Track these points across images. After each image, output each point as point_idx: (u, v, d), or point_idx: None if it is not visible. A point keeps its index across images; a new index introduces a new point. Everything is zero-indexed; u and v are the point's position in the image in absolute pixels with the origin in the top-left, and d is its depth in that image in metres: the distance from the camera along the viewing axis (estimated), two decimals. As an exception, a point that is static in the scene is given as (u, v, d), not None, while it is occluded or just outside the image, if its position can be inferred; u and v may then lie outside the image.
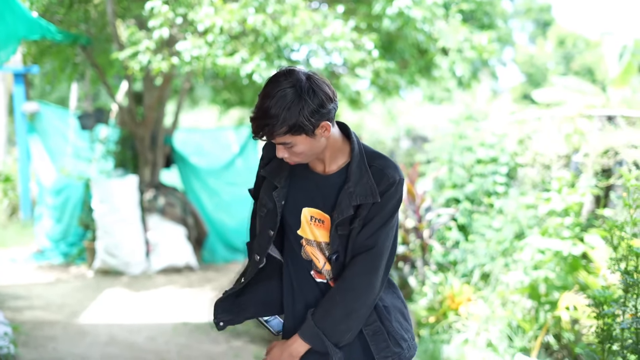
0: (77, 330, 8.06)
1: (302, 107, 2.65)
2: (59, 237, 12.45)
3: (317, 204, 2.89)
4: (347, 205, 2.81)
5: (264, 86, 2.71)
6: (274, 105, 2.63)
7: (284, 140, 2.69)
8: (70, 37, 9.62)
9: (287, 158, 2.77)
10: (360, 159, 2.87)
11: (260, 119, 2.65)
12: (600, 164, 7.11)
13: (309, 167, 2.93)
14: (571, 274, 6.48)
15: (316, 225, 2.88)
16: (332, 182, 2.89)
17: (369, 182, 2.82)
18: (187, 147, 14.19)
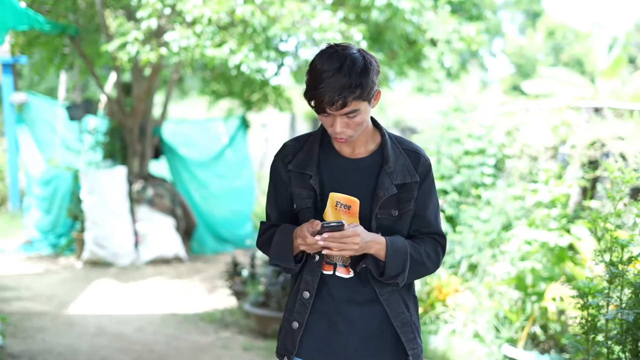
0: (65, 321, 8.07)
1: (372, 70, 2.71)
2: (47, 228, 12.44)
3: (345, 188, 2.86)
4: (390, 184, 2.85)
5: (321, 59, 2.72)
6: (349, 69, 2.65)
7: (354, 107, 2.69)
8: (58, 28, 9.59)
9: (341, 133, 2.75)
10: (392, 142, 2.95)
11: (339, 82, 2.64)
12: (587, 156, 7.13)
13: (336, 151, 2.93)
14: (558, 265, 6.50)
15: (341, 210, 2.85)
16: (365, 165, 2.91)
17: (406, 162, 2.90)
18: (176, 138, 14.17)
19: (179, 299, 9.27)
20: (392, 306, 2.90)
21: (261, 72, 8.70)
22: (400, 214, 2.90)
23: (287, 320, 2.98)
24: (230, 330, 7.90)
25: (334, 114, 2.70)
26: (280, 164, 2.97)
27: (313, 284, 2.89)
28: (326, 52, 2.73)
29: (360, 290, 2.89)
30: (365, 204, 2.86)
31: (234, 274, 8.70)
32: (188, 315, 8.48)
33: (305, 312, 2.90)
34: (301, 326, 2.91)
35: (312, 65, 2.74)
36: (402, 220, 2.92)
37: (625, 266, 3.86)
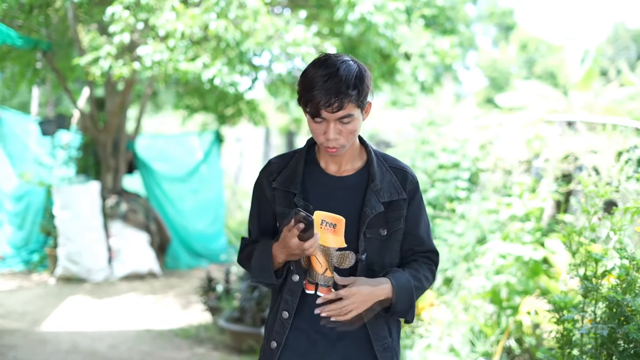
0: (38, 338, 7.99)
1: (367, 77, 2.74)
2: (20, 244, 12.34)
3: (331, 206, 2.86)
4: (377, 201, 2.86)
5: (315, 65, 2.73)
6: (345, 73, 2.67)
7: (349, 111, 2.69)
8: (30, 43, 9.52)
9: (334, 140, 2.74)
10: (378, 160, 2.96)
11: (336, 84, 2.65)
12: (560, 169, 7.16)
13: (322, 169, 2.93)
14: (532, 279, 6.51)
15: (326, 229, 2.84)
16: (351, 183, 2.91)
17: (393, 179, 2.92)
18: (150, 152, 14.11)
19: (154, 314, 9.21)
20: (375, 330, 2.89)
21: (235, 86, 8.67)
22: (389, 234, 2.90)
23: (266, 339, 2.97)
24: (205, 346, 7.85)
25: (327, 119, 2.70)
26: (264, 181, 2.96)
27: (292, 304, 2.87)
28: (321, 59, 2.74)
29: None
30: (353, 223, 2.86)
31: (209, 289, 8.66)
32: (163, 331, 8.42)
33: (283, 332, 2.88)
34: (279, 345, 2.88)
35: (307, 71, 2.75)
36: (391, 239, 2.92)
37: (600, 280, 3.87)
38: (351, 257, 2.86)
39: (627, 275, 3.70)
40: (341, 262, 2.86)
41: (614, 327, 3.64)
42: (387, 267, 2.90)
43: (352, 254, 2.86)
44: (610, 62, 25.00)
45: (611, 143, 6.59)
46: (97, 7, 9.85)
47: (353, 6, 8.66)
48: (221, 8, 8.23)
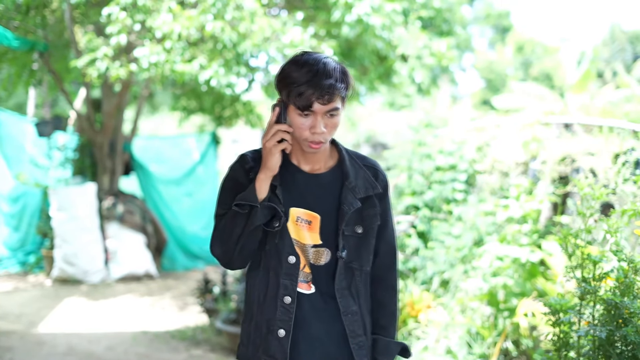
0: (35, 340, 7.98)
1: (348, 72, 2.82)
2: (16, 246, 12.33)
3: (307, 203, 2.88)
4: (353, 198, 2.89)
5: (299, 61, 2.76)
6: (332, 68, 2.73)
7: (337, 104, 2.74)
8: (27, 44, 9.51)
9: (320, 134, 2.76)
10: (350, 158, 2.99)
11: (327, 78, 2.69)
12: (557, 172, 7.16)
13: (296, 167, 2.93)
14: (529, 281, 6.51)
15: (302, 225, 2.86)
16: (325, 181, 2.93)
17: (366, 175, 2.96)
18: (146, 154, 14.11)
19: (150, 316, 9.20)
20: (352, 327, 2.90)
21: (231, 87, 8.67)
22: (365, 231, 2.93)
23: (266, 329, 2.87)
24: (201, 347, 7.84)
25: (317, 112, 2.73)
26: (240, 170, 2.92)
27: (293, 287, 2.85)
28: (302, 57, 2.78)
29: (322, 307, 2.89)
30: (331, 221, 2.88)
31: (206, 291, 8.65)
32: (159, 333, 8.41)
33: (290, 319, 2.84)
34: (289, 333, 2.83)
35: (290, 68, 2.76)
36: (367, 237, 2.95)
37: (597, 283, 3.87)
38: (326, 254, 2.88)
39: (625, 278, 3.70)
40: (316, 258, 2.88)
41: (612, 330, 3.63)
42: (364, 264, 2.94)
43: (327, 250, 2.88)
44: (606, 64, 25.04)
45: (608, 145, 6.60)
46: (93, 9, 9.84)
47: (350, 8, 8.66)
48: (218, 9, 8.22)
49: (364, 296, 2.96)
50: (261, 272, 2.90)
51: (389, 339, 3.01)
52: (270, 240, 2.86)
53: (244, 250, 2.83)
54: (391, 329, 3.04)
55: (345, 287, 2.89)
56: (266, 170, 2.78)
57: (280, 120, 2.77)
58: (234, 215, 2.80)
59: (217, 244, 2.88)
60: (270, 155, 2.76)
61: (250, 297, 2.96)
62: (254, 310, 2.92)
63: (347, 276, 2.90)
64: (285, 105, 2.77)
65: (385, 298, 3.04)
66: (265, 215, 2.80)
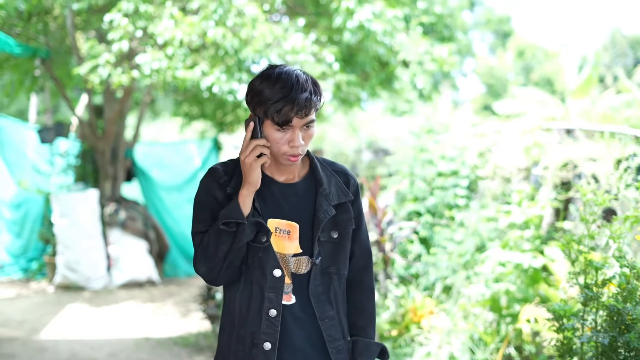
0: (37, 346, 7.98)
1: (319, 84, 2.85)
2: (18, 252, 12.34)
3: (284, 213, 2.89)
4: (328, 205, 2.91)
5: (271, 77, 2.77)
6: (305, 81, 2.76)
7: (313, 117, 2.78)
8: (29, 50, 9.53)
9: (298, 147, 2.78)
10: (322, 165, 3.01)
11: (302, 91, 2.72)
12: (559, 177, 7.16)
13: (270, 177, 2.93)
14: (532, 287, 6.51)
15: (281, 236, 2.87)
16: (300, 190, 2.94)
17: (338, 182, 2.99)
18: (148, 160, 14.11)
19: (152, 323, 9.20)
20: (329, 332, 2.91)
21: (233, 94, 8.68)
22: (341, 236, 2.97)
23: (250, 342, 2.86)
24: (204, 354, 7.83)
25: (295, 126, 2.75)
26: (214, 184, 2.90)
27: (278, 300, 2.85)
28: (272, 72, 2.79)
29: (302, 316, 2.90)
30: (307, 228, 2.90)
31: (208, 297, 8.64)
32: (162, 339, 8.41)
33: (276, 332, 2.84)
34: (275, 346, 2.83)
35: (263, 84, 2.77)
36: (343, 241, 2.98)
37: (600, 289, 3.87)
38: (307, 262, 2.90)
39: (628, 284, 3.71)
40: (298, 267, 2.89)
41: (615, 336, 3.64)
42: (341, 268, 2.97)
43: (307, 258, 2.89)
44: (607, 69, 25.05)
45: (610, 151, 6.60)
46: (95, 15, 9.86)
47: (352, 14, 8.67)
48: (219, 16, 8.24)
49: (342, 300, 2.99)
50: (242, 285, 2.89)
51: (368, 339, 3.05)
52: (253, 254, 2.86)
53: (230, 266, 2.83)
54: (370, 330, 3.08)
55: (321, 292, 2.91)
56: (249, 185, 2.78)
57: (257, 135, 2.78)
58: (219, 233, 2.79)
59: (202, 263, 2.86)
60: (251, 170, 2.76)
61: (229, 310, 2.95)
62: (234, 322, 2.91)
63: (323, 281, 2.92)
64: (260, 120, 2.78)
65: (362, 300, 3.08)
66: (252, 231, 2.81)
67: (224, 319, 2.98)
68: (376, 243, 8.04)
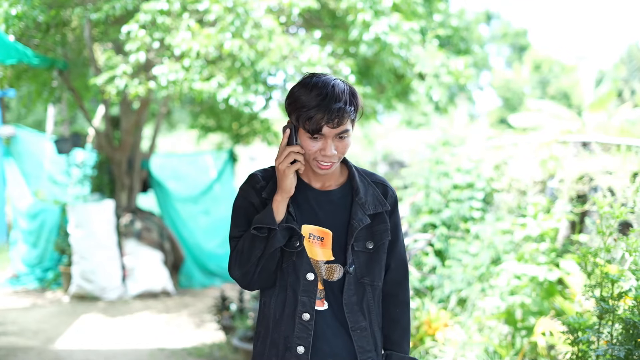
0: (52, 356, 8.00)
1: (357, 94, 2.85)
2: (34, 262, 12.38)
3: (319, 220, 2.91)
4: (363, 214, 2.92)
5: (308, 85, 2.78)
6: (341, 91, 2.76)
7: (347, 126, 2.78)
8: (47, 62, 9.59)
9: (330, 157, 2.79)
10: (359, 175, 3.02)
11: (336, 101, 2.72)
12: (575, 190, 7.14)
13: (307, 184, 2.95)
14: (547, 300, 6.49)
15: (314, 242, 2.89)
16: (336, 197, 2.96)
17: (376, 192, 2.99)
18: (164, 171, 14.16)
19: (167, 333, 9.21)
20: (360, 343, 2.91)
21: (249, 106, 8.70)
22: (376, 247, 2.96)
23: (284, 346, 2.88)
24: (218, 365, 7.84)
25: (327, 135, 2.76)
26: (251, 190, 2.94)
27: (311, 304, 2.86)
28: (311, 80, 2.80)
29: (334, 324, 2.90)
30: (341, 236, 2.91)
31: (223, 308, 8.65)
32: (176, 350, 8.41)
33: (309, 336, 2.85)
34: (308, 350, 2.85)
35: (299, 91, 2.79)
36: (378, 252, 2.97)
37: (616, 302, 3.86)
38: (339, 270, 2.90)
39: (644, 297, 3.69)
40: (330, 274, 2.90)
41: (631, 349, 3.63)
42: (375, 279, 2.96)
43: (339, 266, 2.90)
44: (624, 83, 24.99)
45: (626, 164, 6.58)
46: (113, 26, 9.92)
47: (368, 26, 8.67)
48: (236, 28, 8.26)
49: (375, 312, 2.98)
50: (277, 290, 2.91)
51: (402, 354, 3.04)
52: (288, 259, 2.88)
53: (263, 271, 2.85)
54: (404, 344, 3.06)
55: (355, 303, 2.91)
56: (282, 192, 2.80)
57: (292, 141, 2.80)
58: (253, 238, 2.82)
59: (236, 267, 2.89)
60: (284, 177, 2.78)
61: (265, 315, 2.96)
62: (269, 327, 2.93)
63: (357, 292, 2.92)
64: (295, 127, 2.80)
65: (397, 314, 3.06)
66: (284, 237, 2.82)
67: (259, 325, 3.00)
68: (391, 255, 8.00)
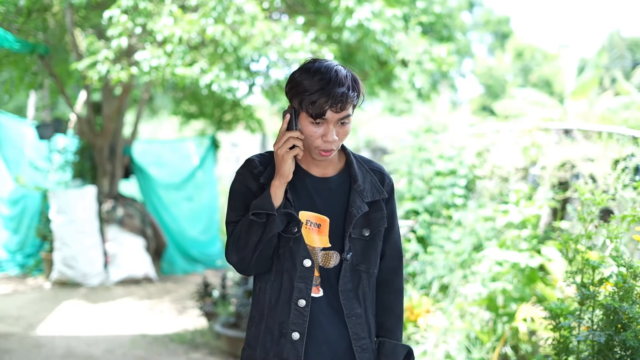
0: (33, 342, 7.98)
1: (359, 80, 2.86)
2: (15, 248, 12.33)
3: (316, 206, 2.90)
4: (361, 202, 2.91)
5: (311, 69, 2.78)
6: (344, 76, 2.76)
7: (348, 112, 2.77)
8: (28, 47, 9.51)
9: (332, 142, 2.79)
10: (357, 162, 3.01)
11: (338, 88, 2.72)
12: (557, 177, 7.16)
13: (305, 171, 2.94)
14: (528, 286, 6.52)
15: (311, 229, 2.88)
16: (334, 185, 2.96)
17: (373, 180, 2.99)
18: (146, 157, 14.10)
19: (149, 319, 9.20)
20: (355, 330, 2.92)
21: (232, 92, 8.67)
22: (373, 234, 2.96)
23: (279, 332, 2.88)
24: (200, 351, 7.84)
25: (329, 120, 2.75)
26: (249, 175, 2.93)
27: (307, 290, 2.86)
28: (313, 64, 2.80)
29: (329, 310, 2.90)
30: (338, 223, 2.91)
31: (205, 294, 8.66)
32: (158, 336, 8.41)
33: (304, 322, 2.86)
34: (303, 336, 2.85)
35: (302, 76, 2.78)
36: (374, 240, 2.97)
37: (597, 288, 3.88)
38: (335, 257, 2.90)
39: (624, 283, 3.71)
40: (326, 261, 2.90)
41: (611, 335, 3.65)
42: (371, 266, 2.97)
43: (336, 253, 2.90)
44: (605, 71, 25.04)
45: (608, 151, 6.61)
46: (94, 11, 9.86)
47: (351, 13, 8.66)
48: (218, 13, 8.23)
49: (370, 299, 2.98)
50: (273, 276, 2.91)
51: (395, 341, 3.04)
52: (284, 244, 2.88)
53: (260, 257, 2.84)
54: (398, 332, 3.07)
55: (350, 290, 2.91)
56: (280, 177, 2.79)
57: (292, 127, 2.78)
58: (250, 224, 2.81)
59: (234, 252, 2.88)
60: (283, 162, 2.77)
61: (259, 300, 2.96)
62: (264, 313, 2.93)
63: (353, 279, 2.92)
64: (296, 112, 2.79)
65: (391, 301, 3.07)
66: (283, 222, 2.82)
67: (254, 310, 2.99)
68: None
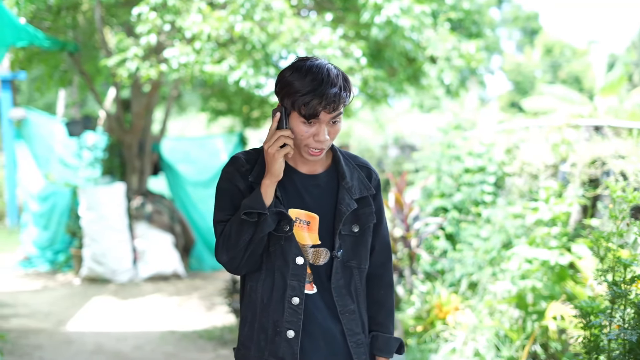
0: (63, 338, 8.03)
1: (349, 79, 2.82)
2: (45, 245, 12.41)
3: (305, 204, 2.89)
4: (350, 199, 2.91)
5: (301, 69, 2.75)
6: (335, 74, 2.74)
7: (341, 111, 2.77)
8: (58, 44, 9.58)
9: (323, 142, 2.78)
10: (345, 159, 3.00)
11: (330, 88, 2.70)
12: (587, 174, 7.11)
13: (293, 168, 2.92)
14: (558, 284, 6.48)
15: (300, 226, 2.87)
16: (322, 182, 2.94)
17: (361, 176, 2.98)
18: (174, 154, 14.15)
19: (178, 316, 9.23)
20: (349, 326, 2.92)
21: (260, 88, 8.68)
22: (362, 230, 2.96)
23: (273, 330, 2.87)
24: (228, 347, 7.85)
25: (322, 120, 2.74)
26: (236, 174, 2.90)
27: (301, 288, 2.85)
28: (304, 64, 2.77)
29: (322, 307, 2.90)
30: (328, 221, 2.91)
31: (233, 291, 8.66)
32: (187, 332, 8.44)
33: (299, 320, 2.84)
34: (298, 334, 2.84)
35: (293, 76, 2.76)
36: (364, 235, 2.97)
37: (628, 286, 3.85)
38: (325, 254, 2.90)
39: (656, 281, 3.68)
40: (316, 258, 2.89)
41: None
42: (362, 262, 2.97)
43: (326, 250, 2.90)
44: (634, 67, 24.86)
45: (638, 148, 6.55)
46: (123, 9, 9.91)
47: (379, 9, 8.65)
48: (247, 10, 8.24)
49: (362, 295, 2.99)
50: (263, 274, 2.89)
51: (388, 335, 3.05)
52: (275, 242, 2.86)
53: (251, 256, 2.83)
54: (389, 325, 3.08)
55: (343, 286, 2.91)
56: (271, 176, 2.78)
57: (282, 125, 2.77)
58: (241, 223, 2.79)
59: (224, 252, 2.85)
60: (273, 161, 2.76)
61: (251, 299, 2.93)
62: (256, 312, 2.91)
63: (345, 275, 2.92)
64: (286, 111, 2.77)
65: (382, 295, 3.08)
66: (274, 221, 2.81)
67: (245, 310, 2.97)
68: (402, 239, 8.03)
